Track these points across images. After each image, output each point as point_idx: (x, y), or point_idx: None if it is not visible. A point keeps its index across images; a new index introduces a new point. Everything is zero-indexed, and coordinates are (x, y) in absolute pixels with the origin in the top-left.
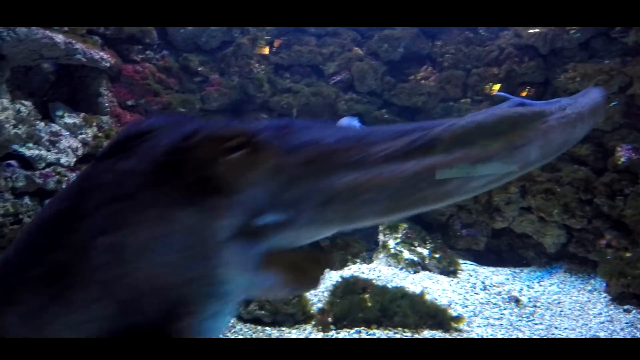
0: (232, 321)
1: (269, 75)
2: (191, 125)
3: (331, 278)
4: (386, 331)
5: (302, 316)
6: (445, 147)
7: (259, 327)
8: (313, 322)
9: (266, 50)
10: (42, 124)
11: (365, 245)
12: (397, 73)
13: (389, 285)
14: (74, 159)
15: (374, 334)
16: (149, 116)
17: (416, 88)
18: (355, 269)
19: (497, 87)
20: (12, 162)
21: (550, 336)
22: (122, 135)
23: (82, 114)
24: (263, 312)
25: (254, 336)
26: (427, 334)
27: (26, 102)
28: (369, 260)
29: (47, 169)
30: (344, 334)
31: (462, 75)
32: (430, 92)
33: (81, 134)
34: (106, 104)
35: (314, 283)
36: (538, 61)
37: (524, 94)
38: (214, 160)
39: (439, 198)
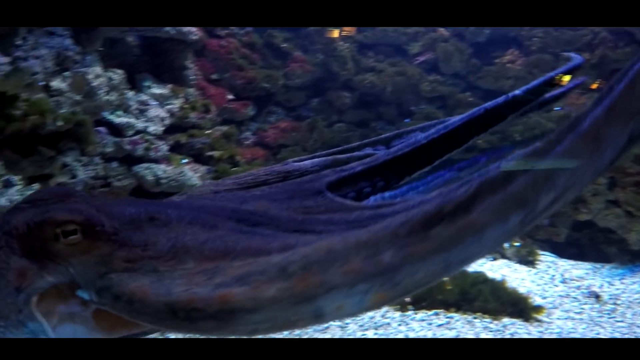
0: None
1: (353, 54)
2: (49, 208)
3: None
4: (465, 315)
5: None
6: None
7: None
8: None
9: (351, 28)
10: (131, 93)
11: None
12: (482, 55)
13: (468, 270)
14: (162, 128)
15: (452, 317)
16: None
17: (502, 71)
18: None
19: (567, 77)
20: (101, 128)
21: (632, 336)
22: (33, 195)
23: (169, 85)
24: None
25: None
26: (506, 321)
27: (118, 71)
28: None
29: (135, 137)
30: (421, 314)
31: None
32: (517, 76)
33: (168, 104)
34: (191, 77)
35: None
36: (633, 47)
37: (595, 86)
38: (50, 239)
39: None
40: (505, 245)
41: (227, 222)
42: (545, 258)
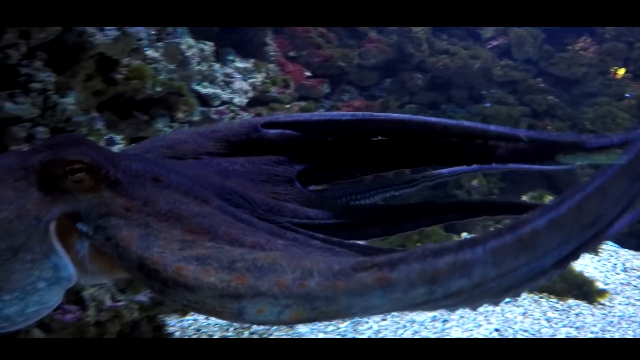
0: None
1: (427, 36)
2: (62, 149)
3: None
4: (531, 294)
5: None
6: None
7: None
8: None
9: None
10: (218, 65)
11: None
12: (554, 42)
13: None
14: (246, 100)
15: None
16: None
17: (575, 58)
18: None
19: (622, 71)
20: None
21: None
22: (50, 139)
23: (252, 60)
24: None
25: None
26: (572, 302)
27: (209, 43)
28: None
29: (221, 107)
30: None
31: (624, 49)
32: (590, 64)
33: (251, 78)
34: (271, 53)
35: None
36: None
37: None
38: (59, 176)
39: None
40: None
41: (215, 199)
42: (608, 247)
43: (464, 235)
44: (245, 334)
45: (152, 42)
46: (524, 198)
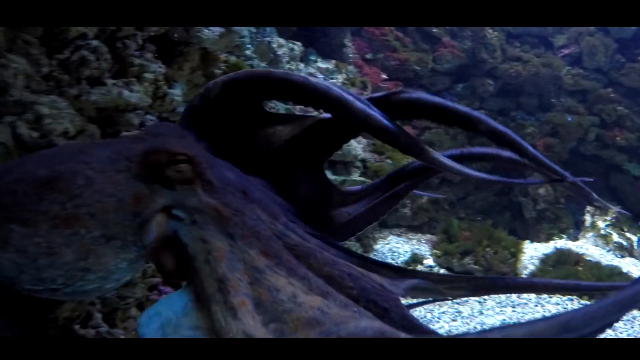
0: (442, 271)
1: (501, 42)
2: (166, 140)
3: (536, 249)
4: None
5: (512, 276)
6: None
7: None
8: None
9: None
10: (302, 65)
11: (573, 222)
12: (626, 51)
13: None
14: None
15: (584, 304)
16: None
17: None
18: (561, 244)
19: None
20: None
21: None
22: (152, 128)
23: (333, 61)
24: (477, 266)
25: None
26: (636, 313)
27: (297, 42)
28: (574, 237)
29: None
30: (556, 299)
31: None
32: None
33: (332, 78)
34: (350, 55)
35: None
36: None
37: None
38: (163, 164)
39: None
40: (635, 243)
41: (282, 216)
42: None
43: (527, 243)
44: None
45: (253, 39)
46: (588, 208)
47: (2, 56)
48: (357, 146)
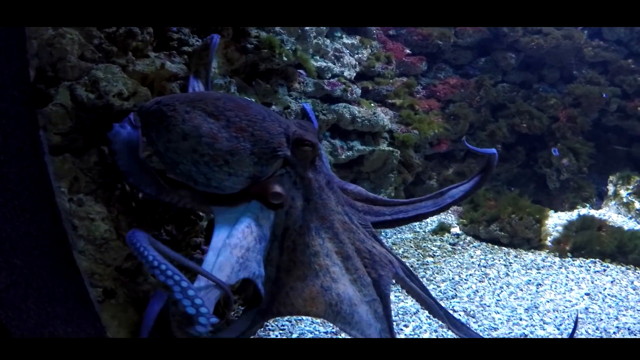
0: (469, 239)
1: None
2: (305, 131)
3: (560, 217)
4: (619, 266)
5: (537, 242)
6: None
7: (496, 247)
8: (547, 250)
9: None
10: (328, 40)
11: (596, 191)
12: None
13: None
14: (354, 74)
15: (607, 266)
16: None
17: None
18: (584, 212)
19: None
20: (301, 71)
21: None
22: (302, 122)
23: (357, 37)
24: (502, 233)
25: (490, 255)
26: None
27: None
28: (597, 206)
29: (333, 79)
30: (579, 261)
31: None
32: None
33: (357, 53)
34: (373, 31)
35: None
36: None
37: None
38: (298, 144)
39: None
40: None
41: (344, 205)
42: None
43: (551, 212)
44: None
45: None
46: (611, 178)
47: (58, 27)
48: (385, 117)
